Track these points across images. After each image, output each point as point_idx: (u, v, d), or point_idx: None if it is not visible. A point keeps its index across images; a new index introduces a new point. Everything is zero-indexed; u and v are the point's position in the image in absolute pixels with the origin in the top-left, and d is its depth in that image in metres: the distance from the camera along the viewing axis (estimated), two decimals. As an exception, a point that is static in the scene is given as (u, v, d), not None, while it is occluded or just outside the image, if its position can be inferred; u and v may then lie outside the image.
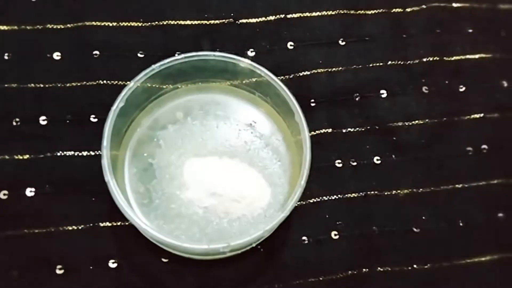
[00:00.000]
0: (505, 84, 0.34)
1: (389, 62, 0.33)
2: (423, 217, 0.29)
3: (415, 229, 0.29)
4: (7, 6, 0.32)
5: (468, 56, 0.34)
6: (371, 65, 0.33)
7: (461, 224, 0.29)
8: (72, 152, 0.29)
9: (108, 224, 0.28)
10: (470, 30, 0.35)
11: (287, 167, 0.29)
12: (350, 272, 0.28)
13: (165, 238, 0.24)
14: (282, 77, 0.32)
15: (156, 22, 0.33)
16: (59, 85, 0.30)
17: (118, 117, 0.26)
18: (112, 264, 0.27)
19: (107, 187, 0.25)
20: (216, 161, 0.29)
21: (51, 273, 0.26)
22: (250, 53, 0.33)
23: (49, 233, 0.27)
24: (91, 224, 0.27)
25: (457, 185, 0.30)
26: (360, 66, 0.33)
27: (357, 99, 0.32)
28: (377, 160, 0.31)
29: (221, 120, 0.30)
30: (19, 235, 0.27)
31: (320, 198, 0.29)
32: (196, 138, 0.29)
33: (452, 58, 0.34)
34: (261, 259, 0.28)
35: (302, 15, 0.34)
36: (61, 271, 0.27)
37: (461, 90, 0.33)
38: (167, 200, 0.27)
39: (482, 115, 0.32)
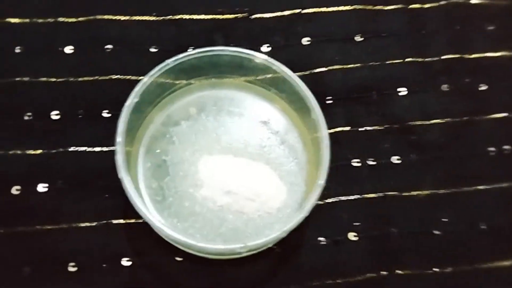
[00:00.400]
0: (527, 82, 0.33)
1: (407, 59, 0.32)
2: (444, 219, 0.29)
3: (435, 231, 0.28)
4: (18, -1, 0.32)
5: (488, 54, 0.33)
6: (388, 61, 0.32)
7: (483, 226, 0.29)
8: (85, 148, 0.28)
9: (121, 221, 0.27)
10: (491, 27, 0.34)
11: (303, 165, 0.28)
12: (368, 274, 0.27)
13: (180, 237, 0.24)
14: (297, 73, 0.31)
15: (169, 17, 0.32)
16: (71, 79, 0.30)
17: (131, 112, 0.26)
18: (125, 262, 0.26)
19: (120, 183, 0.24)
20: (231, 158, 0.28)
21: (64, 270, 0.26)
22: (265, 48, 0.32)
23: (62, 230, 0.27)
24: (104, 221, 0.27)
25: (479, 187, 0.29)
26: (377, 63, 0.32)
27: (374, 96, 0.31)
28: (396, 159, 0.30)
29: (235, 116, 0.29)
30: (31, 232, 0.26)
31: (337, 198, 0.29)
32: (209, 135, 0.28)
33: (472, 56, 0.33)
34: (276, 259, 0.27)
35: (318, 10, 0.33)
36: (74, 269, 0.26)
37: (482, 88, 0.32)
38: (180, 198, 0.27)
39: (504, 114, 0.31)
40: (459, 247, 0.28)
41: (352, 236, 0.28)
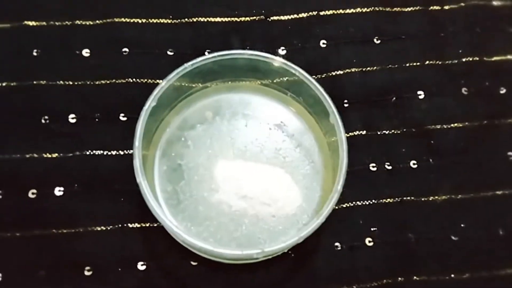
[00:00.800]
0: (548, 86, 0.32)
1: (427, 62, 0.32)
2: (462, 225, 0.28)
3: (453, 237, 0.28)
4: (35, 1, 0.32)
5: (509, 57, 0.33)
6: (407, 64, 0.32)
7: (501, 232, 0.28)
8: (101, 151, 0.28)
9: (137, 225, 0.27)
10: (511, 30, 0.33)
11: (320, 169, 0.28)
12: (384, 281, 0.27)
13: (197, 242, 0.23)
14: (314, 76, 0.31)
15: (186, 19, 0.32)
16: (88, 82, 0.30)
17: (149, 116, 0.26)
18: (140, 266, 0.26)
19: (136, 187, 0.24)
20: (246, 162, 0.28)
21: (79, 274, 0.26)
22: (281, 51, 0.32)
23: (78, 233, 0.27)
24: (120, 225, 0.27)
25: (497, 192, 0.29)
26: (396, 66, 0.32)
27: (392, 100, 0.31)
28: (414, 164, 0.29)
29: (251, 119, 0.29)
30: (47, 235, 0.27)
31: (354, 203, 0.28)
32: (224, 138, 0.28)
33: (493, 59, 0.33)
34: (291, 264, 0.27)
35: (335, 12, 0.33)
36: (89, 272, 0.26)
37: (502, 92, 0.32)
38: (195, 202, 0.27)
39: (524, 119, 0.31)
40: (477, 253, 0.28)
41: (368, 241, 0.28)
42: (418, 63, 0.32)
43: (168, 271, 0.27)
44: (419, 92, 0.31)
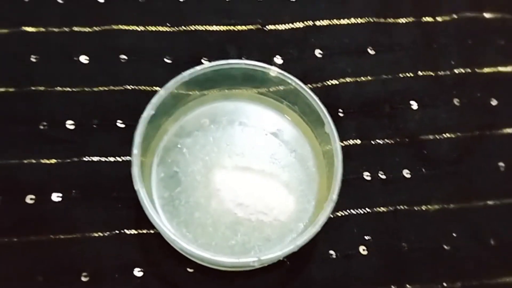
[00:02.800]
0: (539, 98, 0.33)
1: (419, 73, 0.33)
2: (454, 234, 0.29)
3: (445, 246, 0.28)
4: (34, 8, 0.32)
5: (500, 69, 0.33)
6: (400, 75, 0.32)
7: (492, 242, 0.29)
8: (99, 158, 0.29)
9: (134, 231, 0.27)
10: (502, 42, 0.34)
11: (315, 177, 0.28)
12: (378, 288, 0.27)
13: (194, 250, 0.24)
14: (310, 85, 0.31)
15: (183, 27, 0.32)
16: (86, 89, 0.30)
17: (147, 124, 0.26)
18: (137, 273, 0.27)
19: (134, 193, 0.24)
20: (242, 170, 0.28)
21: (76, 280, 0.26)
22: (278, 60, 0.32)
23: (75, 240, 0.27)
24: (117, 231, 0.27)
25: (489, 202, 0.30)
26: (389, 76, 0.32)
27: (386, 110, 0.32)
28: (407, 173, 0.30)
29: (247, 127, 0.29)
30: (45, 241, 0.27)
31: (348, 211, 0.29)
32: (220, 145, 0.29)
33: (484, 70, 0.33)
34: (286, 272, 0.27)
35: (331, 23, 0.34)
36: (86, 278, 0.26)
37: (493, 103, 0.32)
38: (191, 208, 0.27)
39: (515, 130, 0.32)
40: (468, 262, 0.28)
41: (362, 249, 0.28)
42: (411, 74, 0.32)
43: (164, 278, 0.27)
44: (412, 103, 0.32)
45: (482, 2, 0.35)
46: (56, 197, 0.28)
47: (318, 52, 0.33)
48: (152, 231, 0.27)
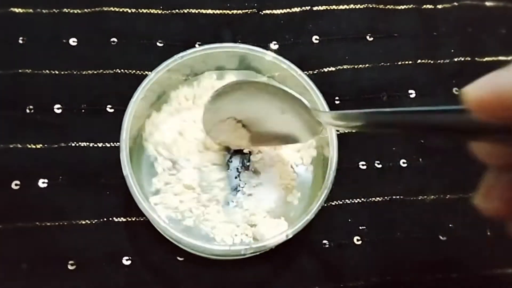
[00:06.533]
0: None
1: (419, 61, 0.32)
2: (450, 225, 0.28)
3: (441, 237, 0.28)
4: (22, -12, 0.31)
5: (500, 58, 0.33)
6: (399, 63, 0.32)
7: (489, 233, 0.28)
8: (87, 143, 0.28)
9: (122, 219, 0.27)
10: (503, 31, 0.33)
11: (310, 165, 0.28)
12: (372, 279, 0.27)
13: (183, 237, 0.23)
14: (306, 72, 0.30)
15: (176, 10, 0.32)
16: (75, 72, 0.29)
17: (136, 108, 0.25)
18: (125, 261, 0.26)
19: (122, 180, 0.24)
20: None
21: (63, 268, 0.26)
22: (273, 45, 0.31)
23: (61, 227, 0.26)
24: (105, 219, 0.27)
25: (486, 193, 0.29)
26: (388, 64, 0.32)
27: (384, 98, 0.31)
28: (403, 163, 0.29)
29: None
30: (30, 228, 0.26)
31: (343, 201, 0.28)
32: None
33: (484, 59, 0.32)
34: (279, 261, 0.27)
35: (328, 8, 0.33)
36: (73, 267, 0.26)
37: (492, 93, 0.32)
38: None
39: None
40: (464, 253, 0.28)
41: (356, 240, 0.27)
42: (410, 62, 0.32)
43: (153, 267, 0.26)
44: (410, 91, 0.31)
45: (483, -10, 0.34)
46: (42, 183, 0.27)
47: (315, 38, 0.32)
48: (141, 219, 0.27)
